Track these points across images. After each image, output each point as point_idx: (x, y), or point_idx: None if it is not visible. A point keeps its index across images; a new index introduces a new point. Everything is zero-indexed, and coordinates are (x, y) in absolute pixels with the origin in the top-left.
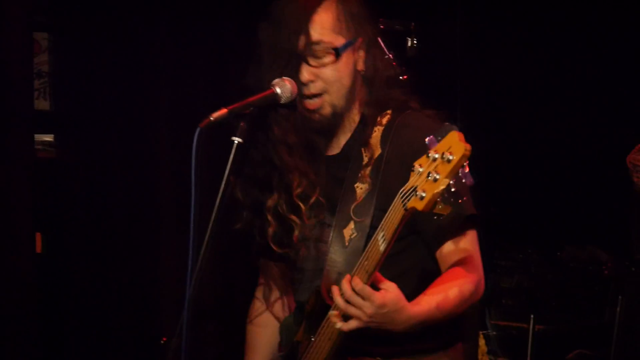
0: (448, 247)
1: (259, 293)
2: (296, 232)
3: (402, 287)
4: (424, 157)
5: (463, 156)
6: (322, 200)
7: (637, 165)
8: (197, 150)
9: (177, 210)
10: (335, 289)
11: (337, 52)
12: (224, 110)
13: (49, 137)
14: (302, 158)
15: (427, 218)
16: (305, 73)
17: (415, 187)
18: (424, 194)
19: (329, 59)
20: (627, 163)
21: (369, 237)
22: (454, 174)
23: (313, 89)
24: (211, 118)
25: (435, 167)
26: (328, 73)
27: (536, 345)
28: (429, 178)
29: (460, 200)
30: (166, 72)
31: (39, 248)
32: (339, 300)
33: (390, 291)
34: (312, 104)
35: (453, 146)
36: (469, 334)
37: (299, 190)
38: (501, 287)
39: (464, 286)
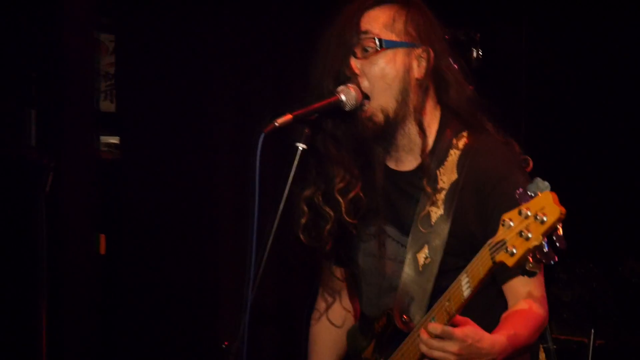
0: (517, 281)
1: (319, 298)
2: (328, 226)
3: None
4: (515, 211)
5: (558, 219)
6: (362, 196)
7: None
8: (260, 156)
9: (237, 214)
10: (422, 333)
11: (381, 43)
12: (288, 116)
13: (114, 139)
14: (349, 154)
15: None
16: (352, 65)
17: (505, 242)
18: (514, 251)
19: (372, 50)
20: None
21: (442, 263)
22: (546, 236)
23: (359, 84)
24: (276, 124)
25: (527, 226)
26: (372, 69)
27: None
28: (521, 236)
29: (552, 262)
30: (230, 74)
31: (103, 250)
32: (422, 348)
33: (466, 324)
34: (364, 110)
35: (547, 207)
36: (534, 345)
37: (341, 185)
38: (562, 300)
39: (536, 321)
